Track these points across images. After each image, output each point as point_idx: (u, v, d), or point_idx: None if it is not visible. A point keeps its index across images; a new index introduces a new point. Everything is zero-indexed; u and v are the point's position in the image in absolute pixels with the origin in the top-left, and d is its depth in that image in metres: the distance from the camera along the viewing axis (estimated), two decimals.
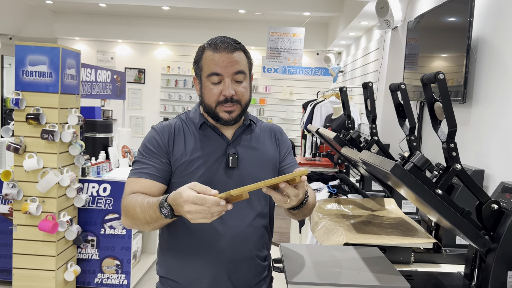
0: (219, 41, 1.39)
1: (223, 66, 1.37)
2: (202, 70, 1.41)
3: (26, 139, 3.21)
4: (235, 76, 1.38)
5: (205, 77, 1.40)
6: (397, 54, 3.78)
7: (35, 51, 3.17)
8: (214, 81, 1.38)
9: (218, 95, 1.39)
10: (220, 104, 1.39)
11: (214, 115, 1.42)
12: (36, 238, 3.26)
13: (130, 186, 1.39)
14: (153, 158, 1.41)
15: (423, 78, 1.34)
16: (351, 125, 2.63)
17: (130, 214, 1.32)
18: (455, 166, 1.27)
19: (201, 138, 1.44)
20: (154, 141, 1.43)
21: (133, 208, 1.30)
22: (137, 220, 1.30)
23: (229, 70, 1.37)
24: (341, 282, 1.31)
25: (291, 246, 1.60)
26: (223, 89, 1.38)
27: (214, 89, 1.39)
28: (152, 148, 1.42)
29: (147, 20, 8.05)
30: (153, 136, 1.44)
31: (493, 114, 2.06)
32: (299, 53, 6.49)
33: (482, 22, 2.23)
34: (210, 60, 1.38)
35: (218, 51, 1.37)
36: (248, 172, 1.45)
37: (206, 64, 1.39)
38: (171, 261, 1.47)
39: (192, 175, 1.40)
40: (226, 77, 1.38)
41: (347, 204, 2.22)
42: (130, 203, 1.33)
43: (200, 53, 1.43)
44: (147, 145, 1.43)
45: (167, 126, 1.46)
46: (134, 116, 8.65)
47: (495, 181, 1.95)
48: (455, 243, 1.83)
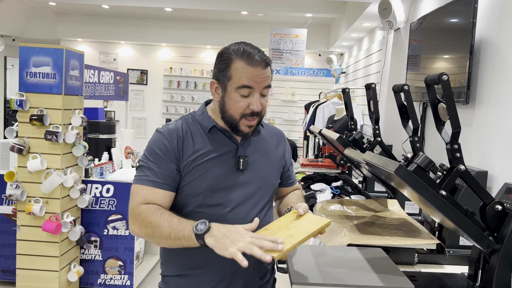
0: (253, 53, 1.35)
1: (257, 81, 1.35)
2: (230, 80, 1.36)
3: (29, 140, 3.22)
4: (263, 90, 1.38)
5: (233, 88, 1.36)
6: (399, 56, 3.78)
7: (39, 53, 3.18)
8: (244, 94, 1.36)
9: (245, 108, 1.37)
10: (244, 117, 1.38)
11: (234, 126, 1.40)
12: (39, 238, 3.27)
13: (140, 194, 1.36)
14: (162, 164, 1.37)
15: (427, 79, 1.35)
16: (353, 126, 2.64)
17: (151, 227, 1.30)
18: (459, 167, 1.27)
19: (210, 141, 1.43)
20: (163, 145, 1.39)
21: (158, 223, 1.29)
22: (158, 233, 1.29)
23: (260, 85, 1.36)
24: (345, 283, 1.31)
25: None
26: (252, 103, 1.36)
27: (242, 102, 1.36)
28: (160, 153, 1.38)
29: (150, 21, 8.07)
30: (161, 140, 1.40)
31: (496, 115, 2.06)
32: (302, 54, 6.49)
33: (485, 23, 2.23)
34: (243, 72, 1.34)
35: (254, 65, 1.34)
36: (257, 174, 1.46)
37: (238, 75, 1.34)
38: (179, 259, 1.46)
39: (202, 177, 1.39)
40: (256, 92, 1.36)
41: (350, 205, 2.22)
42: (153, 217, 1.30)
43: (228, 60, 1.36)
44: (155, 149, 1.39)
45: (175, 129, 1.42)
46: (136, 117, 8.66)
47: (498, 182, 1.95)
48: (458, 244, 1.83)
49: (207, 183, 1.39)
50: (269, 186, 1.51)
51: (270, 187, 1.52)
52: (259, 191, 1.47)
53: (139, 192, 1.36)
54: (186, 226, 1.26)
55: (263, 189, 1.49)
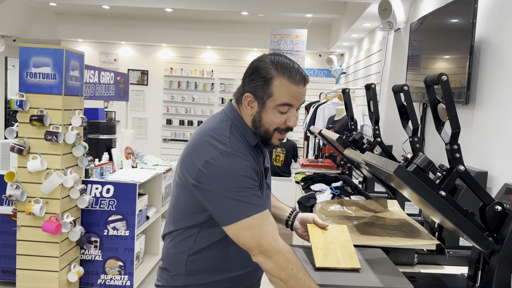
0: (295, 70, 1.34)
1: (298, 98, 1.35)
2: (271, 97, 1.33)
3: (30, 141, 3.22)
4: (299, 106, 1.39)
5: (273, 105, 1.33)
6: (400, 56, 3.78)
7: (39, 53, 3.19)
8: (284, 111, 1.35)
9: (281, 124, 1.37)
10: (278, 130, 1.38)
11: (267, 140, 1.39)
12: (39, 239, 3.27)
13: (267, 222, 1.30)
14: (257, 186, 1.33)
15: (427, 80, 1.34)
16: (354, 127, 2.63)
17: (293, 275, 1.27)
18: (459, 168, 1.27)
19: (256, 154, 1.41)
20: (249, 169, 1.31)
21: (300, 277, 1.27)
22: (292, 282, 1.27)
23: (299, 102, 1.37)
24: (344, 283, 1.31)
25: (294, 248, 1.60)
26: (289, 119, 1.36)
27: (281, 118, 1.35)
28: (251, 177, 1.30)
29: (150, 22, 8.07)
30: (243, 163, 1.30)
31: (496, 115, 2.06)
32: (302, 54, 6.49)
33: (485, 23, 2.23)
34: (286, 90, 1.32)
35: (297, 84, 1.33)
36: (269, 182, 1.53)
37: (280, 93, 1.32)
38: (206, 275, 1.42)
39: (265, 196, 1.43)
40: (294, 108, 1.37)
41: (350, 206, 2.22)
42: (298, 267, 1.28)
43: (267, 75, 1.32)
44: (246, 175, 1.29)
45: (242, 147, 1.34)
46: (137, 117, 8.66)
47: (498, 182, 1.95)
48: (458, 245, 1.83)
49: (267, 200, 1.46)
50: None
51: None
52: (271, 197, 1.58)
53: (263, 223, 1.28)
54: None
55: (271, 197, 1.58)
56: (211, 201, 1.29)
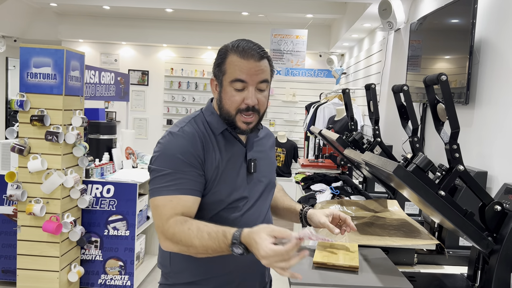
0: (247, 47, 1.33)
1: (250, 74, 1.32)
2: (225, 74, 1.34)
3: (30, 141, 3.22)
4: (259, 84, 1.34)
5: (227, 82, 1.34)
6: (400, 56, 3.78)
7: (39, 53, 3.19)
8: (238, 88, 1.33)
9: (240, 103, 1.34)
10: (240, 112, 1.35)
11: (231, 123, 1.37)
12: (40, 239, 3.28)
13: (169, 206, 1.28)
14: (189, 171, 1.30)
15: (426, 80, 1.35)
16: (354, 127, 2.64)
17: (183, 244, 1.24)
18: (458, 167, 1.27)
19: (224, 143, 1.39)
20: (187, 151, 1.31)
21: (189, 240, 1.22)
22: (192, 251, 1.24)
23: (254, 78, 1.33)
24: (344, 283, 1.31)
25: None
26: (246, 97, 1.33)
27: (236, 96, 1.33)
28: (185, 160, 1.31)
29: (151, 22, 8.08)
30: (183, 145, 1.32)
31: (496, 115, 2.06)
32: (302, 55, 6.49)
33: (485, 23, 2.23)
34: (236, 65, 1.32)
35: (246, 58, 1.32)
36: (262, 175, 1.48)
37: (231, 69, 1.33)
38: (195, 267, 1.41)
39: (225, 185, 1.36)
40: (250, 85, 1.33)
41: (350, 206, 2.22)
42: (182, 234, 1.23)
43: (223, 55, 1.35)
44: (179, 156, 1.30)
45: (194, 133, 1.35)
46: (137, 117, 8.67)
47: (498, 182, 1.95)
48: (458, 245, 1.83)
49: (229, 189, 1.37)
50: (271, 186, 1.54)
51: (273, 187, 1.55)
52: (265, 191, 1.49)
53: (168, 204, 1.28)
54: (220, 245, 1.19)
55: (268, 189, 1.51)
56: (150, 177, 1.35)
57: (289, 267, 1.12)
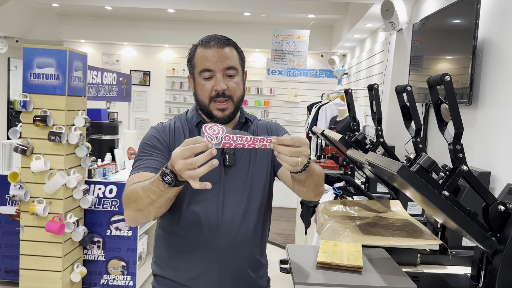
0: (210, 38, 1.42)
1: (214, 61, 1.38)
2: (194, 68, 1.42)
3: (33, 141, 3.23)
4: (226, 71, 1.39)
5: (197, 74, 1.41)
6: (402, 56, 3.78)
7: (42, 54, 3.20)
8: (206, 77, 1.39)
9: (211, 91, 1.39)
10: (212, 100, 1.39)
11: (207, 112, 1.42)
12: (43, 239, 3.29)
13: (131, 181, 1.34)
14: (153, 154, 1.40)
15: (430, 80, 1.35)
16: (356, 127, 2.63)
17: (132, 200, 1.25)
18: (462, 168, 1.27)
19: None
20: (154, 138, 1.43)
21: (134, 192, 1.24)
22: (140, 203, 1.23)
23: (220, 65, 1.38)
24: (347, 283, 1.31)
25: (297, 247, 1.60)
26: (215, 84, 1.39)
27: (207, 85, 1.40)
28: (151, 144, 1.42)
29: (152, 22, 8.08)
30: (152, 134, 1.45)
31: (499, 115, 2.06)
32: (304, 55, 6.49)
33: (488, 23, 2.23)
34: (201, 56, 1.40)
35: (209, 47, 1.39)
36: (244, 169, 1.45)
37: (198, 61, 1.41)
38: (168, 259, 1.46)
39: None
40: (217, 72, 1.38)
41: (353, 206, 2.22)
42: (130, 190, 1.27)
43: (192, 51, 1.45)
44: (147, 142, 1.43)
45: (167, 125, 1.47)
46: (139, 118, 8.68)
47: (501, 182, 1.95)
48: (461, 245, 1.83)
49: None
50: (258, 180, 1.47)
51: (260, 181, 1.48)
52: (247, 185, 1.44)
53: (130, 180, 1.35)
54: (156, 182, 1.17)
55: (252, 184, 1.45)
56: None
57: (197, 174, 1.06)
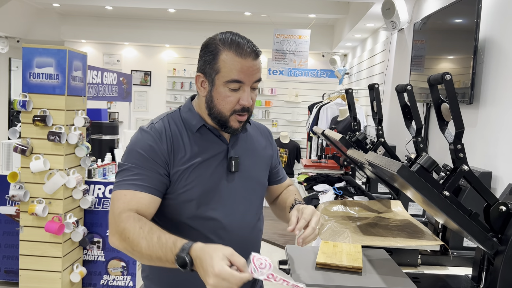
0: (242, 43, 1.24)
1: (247, 74, 1.24)
2: (218, 73, 1.24)
3: (32, 141, 3.22)
4: (253, 84, 1.27)
5: (221, 82, 1.24)
6: (403, 56, 3.77)
7: (42, 53, 3.19)
8: (233, 88, 1.24)
9: (235, 104, 1.26)
10: (235, 113, 1.27)
11: (224, 123, 1.29)
12: (42, 239, 3.28)
13: (123, 200, 1.21)
14: (149, 168, 1.24)
15: (430, 79, 1.33)
16: (357, 127, 2.62)
17: (130, 242, 1.14)
18: (463, 168, 1.26)
19: (200, 141, 1.31)
20: (149, 147, 1.25)
21: (137, 239, 1.13)
22: (137, 252, 1.13)
23: (251, 78, 1.25)
24: (347, 284, 1.30)
25: (297, 248, 1.59)
26: (242, 98, 1.25)
27: (232, 97, 1.25)
28: (146, 155, 1.24)
29: (153, 22, 8.08)
30: (147, 141, 1.26)
31: (500, 115, 2.04)
32: (305, 55, 6.48)
33: (489, 23, 2.22)
34: (233, 65, 1.23)
35: (244, 57, 1.23)
36: (248, 174, 1.37)
37: (227, 68, 1.23)
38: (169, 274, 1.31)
39: (196, 183, 1.27)
40: (246, 86, 1.25)
41: (353, 206, 2.21)
42: (132, 230, 1.14)
43: (215, 51, 1.25)
44: (140, 151, 1.25)
45: (162, 130, 1.28)
46: (140, 118, 8.67)
47: (503, 183, 1.94)
48: (462, 246, 1.81)
49: (201, 189, 1.28)
50: (260, 187, 1.44)
51: (262, 187, 1.45)
52: (252, 192, 1.39)
53: (122, 198, 1.21)
54: (166, 252, 1.08)
55: (256, 190, 1.41)
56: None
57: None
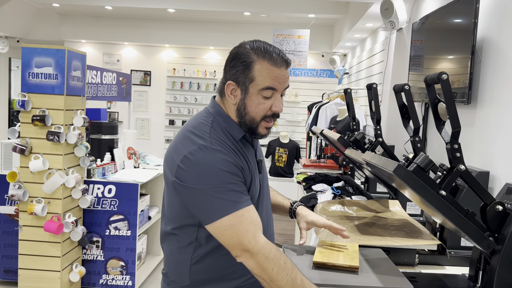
0: (275, 54, 1.31)
1: (281, 82, 1.31)
2: (253, 81, 1.29)
3: (32, 141, 3.23)
4: (284, 91, 1.35)
5: (256, 90, 1.30)
6: (402, 56, 3.77)
7: (41, 53, 3.19)
8: (267, 96, 1.31)
9: (267, 110, 1.32)
10: (265, 118, 1.34)
11: (254, 129, 1.34)
12: (41, 239, 3.28)
13: (246, 222, 1.22)
14: (238, 181, 1.26)
15: (427, 79, 1.34)
16: (356, 127, 2.63)
17: (273, 273, 1.19)
18: (459, 167, 1.26)
19: (244, 150, 1.37)
20: (228, 162, 1.25)
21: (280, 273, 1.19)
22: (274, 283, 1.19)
23: (283, 86, 1.33)
24: (344, 283, 1.30)
25: (294, 247, 1.59)
26: (275, 104, 1.32)
27: (266, 104, 1.31)
28: (230, 171, 1.25)
29: (153, 22, 8.09)
30: (221, 157, 1.25)
31: (498, 115, 2.05)
32: (304, 55, 6.48)
33: (487, 23, 2.22)
34: (269, 73, 1.29)
35: (278, 66, 1.30)
36: (265, 174, 1.50)
37: (262, 76, 1.28)
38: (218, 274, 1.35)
39: (253, 190, 1.35)
40: (278, 93, 1.33)
41: (351, 206, 2.21)
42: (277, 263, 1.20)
43: (248, 60, 1.29)
44: (224, 168, 1.24)
45: (222, 142, 1.29)
46: (140, 118, 8.68)
47: (500, 182, 1.94)
48: (459, 245, 1.82)
49: (255, 193, 1.37)
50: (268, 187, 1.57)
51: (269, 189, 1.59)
52: (269, 190, 1.53)
53: (242, 219, 1.21)
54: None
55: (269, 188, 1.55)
56: (190, 199, 1.24)
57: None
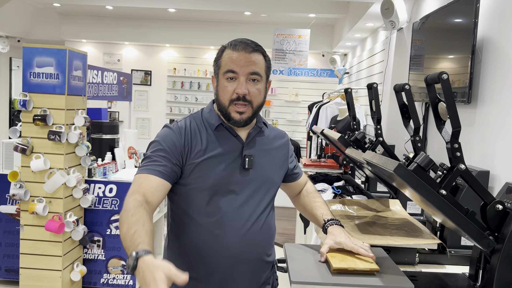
0: (240, 42, 1.44)
1: (240, 64, 1.40)
2: (220, 68, 1.44)
3: (33, 140, 3.23)
4: (250, 76, 1.41)
5: (221, 75, 1.43)
6: (402, 55, 3.77)
7: (42, 53, 3.20)
8: (229, 77, 1.41)
9: (232, 93, 1.41)
10: (232, 102, 1.42)
11: (226, 114, 1.44)
12: (42, 238, 3.29)
13: (137, 182, 1.36)
14: (165, 158, 1.39)
15: (427, 78, 1.34)
16: (356, 126, 2.63)
17: (120, 221, 1.26)
18: (459, 167, 1.27)
19: (217, 139, 1.46)
20: (170, 141, 1.42)
21: (123, 222, 1.23)
22: (120, 230, 1.25)
23: (244, 69, 1.40)
24: (345, 282, 1.31)
25: (295, 246, 1.60)
26: (237, 87, 1.40)
27: (229, 87, 1.41)
28: (166, 148, 1.41)
29: (154, 22, 8.09)
30: (169, 135, 1.43)
31: (498, 114, 2.05)
32: (305, 54, 6.49)
33: (487, 22, 2.22)
34: (228, 58, 1.42)
35: (237, 50, 1.41)
36: (261, 173, 1.50)
37: (224, 62, 1.43)
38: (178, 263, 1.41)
39: (209, 174, 1.41)
40: (241, 76, 1.40)
41: (352, 205, 2.22)
42: (125, 213, 1.24)
43: (220, 52, 1.47)
44: (162, 143, 1.42)
45: (183, 127, 1.46)
46: (140, 117, 8.68)
47: (500, 182, 1.94)
48: (460, 244, 1.82)
49: (213, 180, 1.41)
50: (272, 186, 1.55)
51: (273, 187, 1.56)
52: (263, 190, 1.50)
53: (137, 180, 1.37)
54: (129, 248, 1.16)
55: (267, 188, 1.52)
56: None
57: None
